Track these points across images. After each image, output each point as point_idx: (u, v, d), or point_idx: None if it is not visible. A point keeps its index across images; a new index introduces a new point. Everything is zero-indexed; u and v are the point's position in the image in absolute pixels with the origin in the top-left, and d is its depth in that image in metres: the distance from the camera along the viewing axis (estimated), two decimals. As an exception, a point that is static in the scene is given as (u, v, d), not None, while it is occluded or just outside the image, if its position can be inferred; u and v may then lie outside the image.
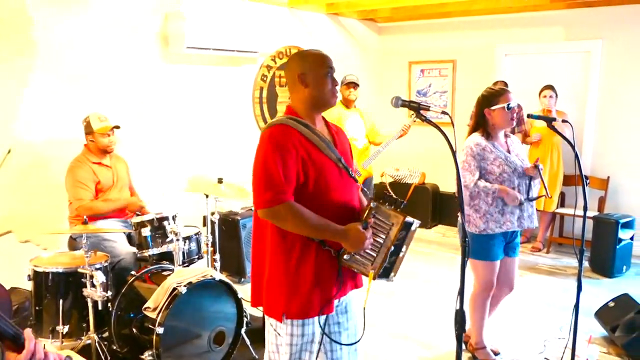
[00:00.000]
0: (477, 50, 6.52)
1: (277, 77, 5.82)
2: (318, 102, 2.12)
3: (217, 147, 5.22)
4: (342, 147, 2.20)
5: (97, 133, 3.61)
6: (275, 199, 1.94)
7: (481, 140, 3.14)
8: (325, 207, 2.04)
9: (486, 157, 3.11)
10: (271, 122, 2.12)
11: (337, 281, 2.08)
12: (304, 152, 2.00)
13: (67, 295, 3.16)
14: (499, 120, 3.10)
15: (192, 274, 3.08)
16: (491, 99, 3.10)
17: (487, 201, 3.10)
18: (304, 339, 2.09)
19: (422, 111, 2.10)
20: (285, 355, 2.09)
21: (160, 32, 4.61)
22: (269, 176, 1.95)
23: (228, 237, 4.78)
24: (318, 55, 2.13)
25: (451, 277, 4.85)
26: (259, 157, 2.02)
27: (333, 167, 2.08)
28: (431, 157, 6.60)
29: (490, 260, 3.18)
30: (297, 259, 2.03)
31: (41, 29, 3.85)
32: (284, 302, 2.04)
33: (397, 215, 2.07)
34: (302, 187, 2.01)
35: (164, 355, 2.89)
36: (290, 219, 1.96)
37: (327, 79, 2.10)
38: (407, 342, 3.72)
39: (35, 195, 3.88)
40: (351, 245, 2.01)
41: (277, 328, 2.10)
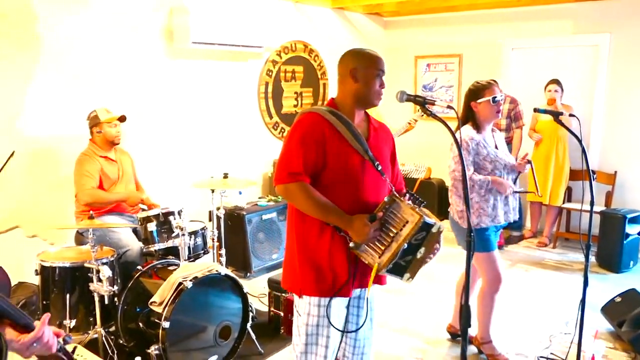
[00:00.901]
0: (484, 44, 6.48)
1: (283, 72, 5.81)
2: (363, 99, 2.21)
3: (222, 142, 5.23)
4: (377, 142, 2.25)
5: (105, 123, 3.63)
6: (290, 176, 2.09)
7: (474, 134, 3.17)
8: (347, 196, 2.12)
9: (480, 152, 3.15)
10: (307, 109, 2.24)
11: (349, 267, 2.14)
12: (326, 141, 2.10)
13: (74, 290, 3.18)
14: (484, 112, 3.15)
15: (197, 269, 3.09)
16: (477, 92, 3.16)
17: (480, 193, 3.13)
18: (320, 321, 2.17)
19: (427, 105, 2.10)
20: (303, 336, 2.21)
21: (165, 27, 4.61)
22: (289, 157, 2.11)
23: (234, 232, 4.79)
24: (373, 56, 2.26)
25: (457, 273, 4.84)
26: (287, 139, 2.17)
27: (357, 158, 2.14)
28: (437, 151, 6.56)
29: (489, 250, 3.22)
30: (315, 240, 2.15)
31: (46, 25, 3.86)
32: (301, 279, 2.17)
33: (413, 213, 2.04)
34: (323, 173, 2.12)
35: (170, 349, 2.91)
36: (299, 197, 2.09)
37: (376, 79, 2.21)
38: (412, 338, 3.72)
39: (41, 190, 3.90)
40: (355, 234, 2.07)
41: (298, 308, 2.23)
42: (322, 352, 2.20)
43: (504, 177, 3.18)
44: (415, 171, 6.74)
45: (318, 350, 2.20)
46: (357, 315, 2.33)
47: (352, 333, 2.34)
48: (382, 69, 2.24)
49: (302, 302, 2.20)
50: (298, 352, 2.23)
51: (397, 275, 2.15)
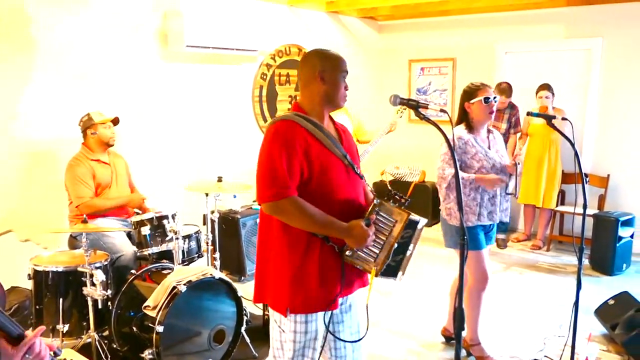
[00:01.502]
0: (477, 48, 6.51)
1: (277, 75, 5.81)
2: (331, 101, 2.16)
3: (217, 145, 5.22)
4: (348, 144, 2.23)
5: (99, 124, 3.63)
6: (279, 193, 1.98)
7: (464, 133, 3.22)
8: (330, 203, 2.07)
9: (467, 151, 3.19)
10: (277, 117, 2.15)
11: (340, 277, 2.10)
12: (308, 149, 2.02)
13: (67, 294, 3.16)
14: (477, 113, 3.19)
15: (192, 273, 3.08)
16: (471, 93, 3.21)
17: (465, 192, 3.16)
18: (307, 336, 2.11)
19: (420, 109, 2.11)
20: (289, 352, 2.12)
21: (159, 30, 4.61)
22: (273, 171, 1.99)
23: (228, 235, 4.78)
24: (339, 57, 2.21)
25: (451, 275, 4.85)
26: (264, 152, 2.06)
27: (339, 163, 2.11)
28: (431, 155, 6.56)
29: (478, 249, 3.24)
30: (302, 254, 2.05)
31: (41, 28, 3.85)
32: (288, 297, 2.06)
33: (400, 212, 2.08)
34: (306, 183, 2.03)
35: (164, 353, 2.90)
36: (293, 213, 2.00)
37: (342, 81, 2.17)
38: (406, 340, 3.72)
39: (35, 194, 3.88)
40: (354, 242, 2.04)
41: (281, 325, 2.12)
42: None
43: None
44: (410, 174, 6.75)
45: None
46: (342, 322, 2.24)
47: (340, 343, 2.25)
48: (346, 70, 2.19)
49: (287, 320, 2.09)
50: None
51: (391, 276, 2.16)
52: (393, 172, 6.79)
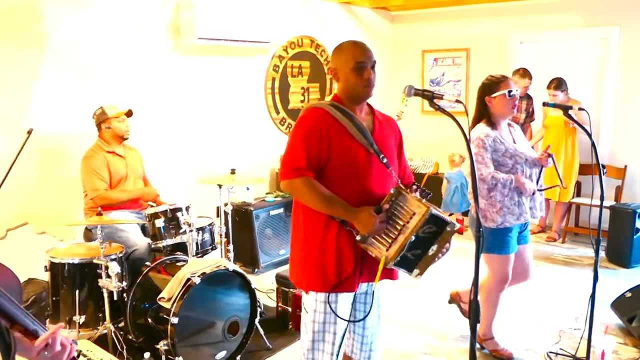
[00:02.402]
0: (492, 38, 6.43)
1: (289, 67, 5.80)
2: (350, 96, 2.20)
3: (229, 138, 5.23)
4: (383, 135, 2.23)
5: (113, 118, 3.65)
6: (294, 173, 2.10)
7: (489, 130, 3.05)
8: (350, 189, 2.12)
9: (497, 149, 3.04)
10: (311, 104, 2.24)
11: (356, 261, 2.13)
12: (332, 135, 2.10)
13: (83, 286, 3.19)
14: (499, 107, 3.03)
15: (205, 265, 3.10)
16: (492, 86, 3.04)
17: (504, 193, 3.04)
18: (326, 317, 2.17)
19: (435, 100, 2.08)
20: (310, 332, 2.20)
21: (171, 23, 4.61)
22: (294, 153, 2.11)
23: (241, 228, 4.79)
24: (348, 50, 2.21)
25: (464, 268, 4.83)
26: (291, 134, 2.18)
27: (362, 152, 2.14)
28: (445, 146, 6.54)
29: (507, 253, 3.14)
30: (321, 235, 2.14)
31: (52, 22, 3.87)
32: (308, 275, 2.18)
33: (420, 205, 2.04)
34: (327, 167, 2.12)
35: (179, 344, 2.92)
36: (304, 191, 2.10)
37: (354, 74, 2.15)
38: (420, 333, 3.71)
39: (50, 187, 3.92)
40: (362, 226, 2.06)
41: (305, 305, 2.23)
42: (329, 349, 2.20)
43: (527, 171, 3.08)
44: (423, 166, 6.72)
45: (325, 347, 2.20)
46: (364, 312, 2.32)
47: (360, 329, 2.34)
48: (359, 61, 2.15)
49: (309, 299, 2.20)
50: (305, 348, 2.24)
51: (406, 269, 2.15)
52: (406, 163, 6.75)
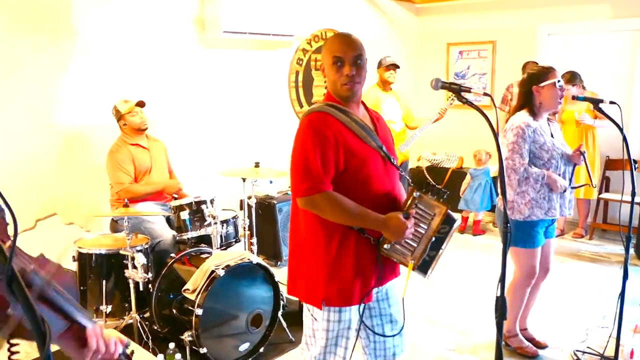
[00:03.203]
0: (518, 30, 6.32)
1: (313, 60, 5.78)
2: (335, 94, 2.06)
3: (253, 131, 5.25)
4: (384, 134, 2.15)
5: (126, 114, 3.68)
6: (312, 188, 1.93)
7: (531, 120, 2.97)
8: (366, 195, 2.01)
9: (536, 140, 2.96)
10: (310, 108, 2.08)
11: (376, 270, 2.06)
12: (343, 141, 1.96)
13: (110, 276, 3.24)
14: (547, 98, 2.95)
15: (229, 257, 3.12)
16: (540, 75, 2.95)
17: (536, 187, 2.98)
18: (341, 325, 2.08)
19: (462, 93, 2.05)
20: (322, 340, 2.09)
21: (197, 16, 4.64)
22: (307, 166, 1.94)
23: (265, 221, 4.81)
24: (328, 44, 2.06)
25: (488, 264, 4.77)
26: (298, 146, 2.00)
27: (375, 155, 2.04)
28: (469, 140, 6.46)
29: (533, 247, 3.09)
30: (337, 246, 2.00)
31: (80, 15, 3.92)
32: (323, 289, 2.02)
33: (439, 205, 2.03)
34: (342, 176, 1.98)
35: (203, 336, 2.95)
36: (328, 207, 1.95)
37: (332, 70, 2.01)
38: (445, 330, 3.69)
39: (77, 178, 3.99)
40: (392, 234, 1.98)
41: (313, 313, 2.10)
42: (342, 353, 2.12)
43: (561, 167, 3.01)
44: (447, 160, 6.65)
45: (338, 352, 2.12)
46: (380, 316, 2.22)
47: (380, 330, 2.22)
48: (335, 55, 1.97)
49: (320, 310, 2.06)
50: (315, 353, 2.11)
51: (422, 272, 2.13)
52: (430, 157, 6.70)
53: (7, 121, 3.62)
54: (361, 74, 2.02)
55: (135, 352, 2.44)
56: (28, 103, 3.74)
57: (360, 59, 2.01)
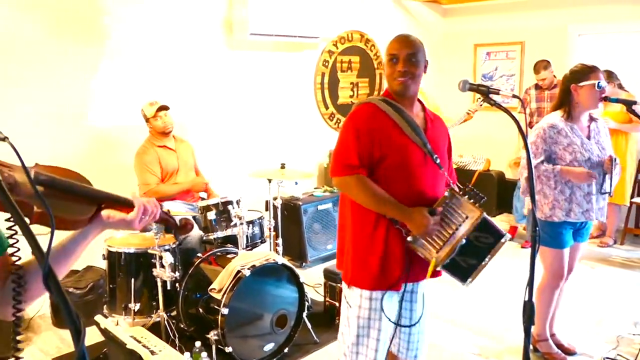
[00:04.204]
0: (548, 30, 6.21)
1: (339, 62, 5.79)
2: (390, 89, 2.17)
3: (279, 132, 5.27)
4: (434, 134, 2.19)
5: (151, 118, 3.75)
6: (345, 170, 2.07)
7: (558, 121, 2.94)
8: (404, 189, 2.08)
9: (559, 141, 2.92)
10: (363, 99, 2.20)
11: (404, 261, 2.10)
12: (384, 132, 2.06)
13: (139, 275, 3.30)
14: (585, 98, 2.88)
15: (255, 258, 3.14)
16: (581, 74, 2.89)
17: (551, 185, 2.93)
18: (372, 314, 2.15)
19: (491, 95, 2.03)
20: (354, 328, 2.17)
21: (225, 18, 4.70)
22: (345, 150, 2.08)
23: (290, 222, 4.84)
24: (389, 43, 2.18)
25: (516, 267, 4.71)
26: (342, 130, 2.15)
27: (416, 150, 2.10)
28: (496, 142, 6.38)
29: (559, 247, 3.04)
30: (369, 232, 2.11)
31: (110, 19, 4.01)
32: (354, 270, 2.15)
33: (474, 209, 2.03)
34: (381, 167, 2.08)
35: (229, 335, 2.97)
36: (356, 189, 2.07)
37: (388, 66, 2.14)
38: (471, 333, 3.65)
39: (107, 177, 4.04)
40: (414, 227, 2.04)
41: (348, 299, 2.20)
42: (374, 345, 2.17)
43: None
44: (474, 163, 6.57)
45: (369, 343, 2.18)
46: (410, 310, 2.29)
47: (406, 328, 2.30)
48: (392, 53, 2.12)
49: (353, 294, 2.18)
50: (349, 342, 2.20)
51: (459, 278, 2.13)
52: (456, 160, 6.63)
53: (39, 121, 3.72)
54: (415, 72, 2.11)
55: (162, 350, 2.48)
56: (60, 104, 3.83)
57: (415, 57, 2.11)
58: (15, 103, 3.61)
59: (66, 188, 1.13)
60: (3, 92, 3.57)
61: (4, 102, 3.56)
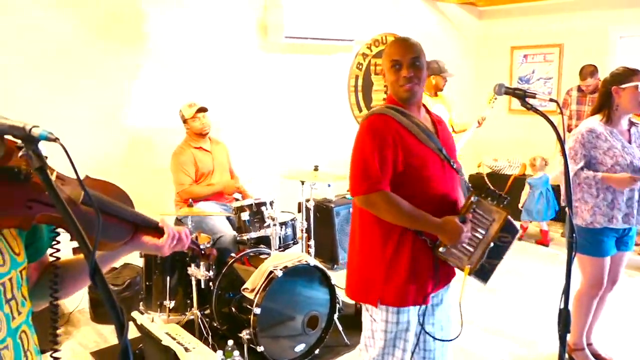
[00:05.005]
0: (588, 32, 6.07)
1: (373, 65, 5.79)
2: (395, 97, 2.10)
3: (312, 134, 5.31)
4: (444, 136, 2.15)
5: (189, 119, 3.82)
6: (370, 187, 1.98)
7: (597, 125, 2.88)
8: (424, 197, 2.02)
9: (599, 146, 2.86)
10: (371, 110, 2.13)
11: (433, 272, 2.06)
12: (402, 142, 1.99)
13: (174, 273, 3.37)
14: (626, 100, 2.82)
15: (287, 259, 3.17)
16: (623, 76, 2.83)
17: (592, 193, 2.86)
18: (399, 327, 2.10)
19: (527, 99, 2.00)
20: (380, 341, 2.12)
21: (260, 22, 4.76)
22: (366, 166, 1.99)
23: (322, 224, 4.86)
24: (388, 47, 2.12)
25: (552, 274, 4.61)
26: (357, 146, 2.06)
27: (434, 157, 2.05)
28: (533, 147, 6.26)
29: (599, 256, 2.96)
30: (394, 247, 2.04)
31: (150, 23, 4.12)
32: (379, 289, 2.06)
33: (499, 211, 2.02)
34: (401, 177, 2.01)
35: (261, 335, 3.01)
36: (384, 207, 1.98)
37: (391, 73, 2.07)
38: (504, 339, 3.59)
39: (144, 178, 4.17)
40: (447, 238, 1.99)
41: (372, 314, 2.13)
42: (400, 355, 2.13)
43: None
44: (509, 167, 6.47)
45: (396, 353, 2.13)
46: (433, 315, 2.22)
47: (430, 338, 2.22)
48: (394, 59, 2.03)
49: (379, 310, 2.10)
50: (374, 354, 2.14)
51: (481, 279, 2.10)
52: (491, 164, 6.54)
53: (80, 121, 3.84)
54: (420, 76, 2.06)
55: (196, 347, 2.53)
56: (100, 104, 3.96)
57: (418, 61, 2.05)
58: (60, 106, 3.74)
59: (112, 211, 1.15)
60: (50, 95, 3.70)
61: (50, 105, 3.69)
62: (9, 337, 1.01)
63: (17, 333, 1.04)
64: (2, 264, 1.01)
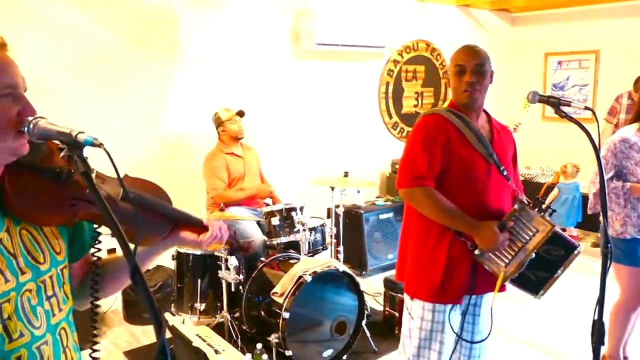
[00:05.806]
0: (625, 38, 5.93)
1: (404, 71, 5.78)
2: (456, 101, 2.15)
3: (342, 140, 5.32)
4: (501, 145, 2.18)
5: (226, 122, 3.88)
6: (413, 181, 2.06)
7: (632, 135, 2.81)
8: (467, 199, 2.06)
9: (631, 156, 2.80)
10: (429, 110, 2.22)
11: (469, 275, 2.08)
12: (451, 142, 2.05)
13: (205, 276, 3.43)
14: None
15: (317, 264, 3.19)
16: None
17: (620, 203, 2.81)
18: (433, 326, 2.13)
19: (562, 107, 1.98)
20: (416, 339, 2.17)
21: (292, 29, 4.82)
22: (413, 161, 2.07)
23: (351, 230, 4.86)
24: (455, 53, 2.17)
25: (586, 285, 4.50)
26: (409, 142, 2.14)
27: (482, 162, 2.08)
28: (566, 155, 6.14)
29: (635, 265, 2.89)
30: (433, 244, 2.10)
31: (185, 31, 4.21)
32: (416, 282, 2.16)
33: (544, 222, 1.99)
34: (447, 178, 2.06)
35: (289, 339, 3.03)
36: (425, 202, 2.05)
37: (454, 78, 2.12)
38: (534, 350, 3.53)
39: (178, 182, 4.24)
40: (483, 243, 2.01)
41: (411, 311, 2.19)
42: (435, 357, 2.16)
43: None
44: (542, 175, 6.35)
45: (431, 355, 2.17)
46: (473, 324, 2.25)
47: (468, 343, 2.26)
48: (459, 64, 2.09)
49: (415, 306, 2.17)
50: (410, 354, 2.21)
51: (529, 291, 2.10)
52: (523, 172, 6.44)
53: (119, 126, 3.94)
54: (482, 82, 2.10)
55: (225, 350, 2.57)
56: (139, 110, 4.07)
57: (483, 68, 2.09)
58: (99, 111, 3.86)
59: (150, 206, 1.20)
60: (90, 101, 3.82)
61: (91, 110, 3.81)
62: (49, 333, 1.06)
63: (57, 329, 1.08)
64: (43, 262, 1.06)
